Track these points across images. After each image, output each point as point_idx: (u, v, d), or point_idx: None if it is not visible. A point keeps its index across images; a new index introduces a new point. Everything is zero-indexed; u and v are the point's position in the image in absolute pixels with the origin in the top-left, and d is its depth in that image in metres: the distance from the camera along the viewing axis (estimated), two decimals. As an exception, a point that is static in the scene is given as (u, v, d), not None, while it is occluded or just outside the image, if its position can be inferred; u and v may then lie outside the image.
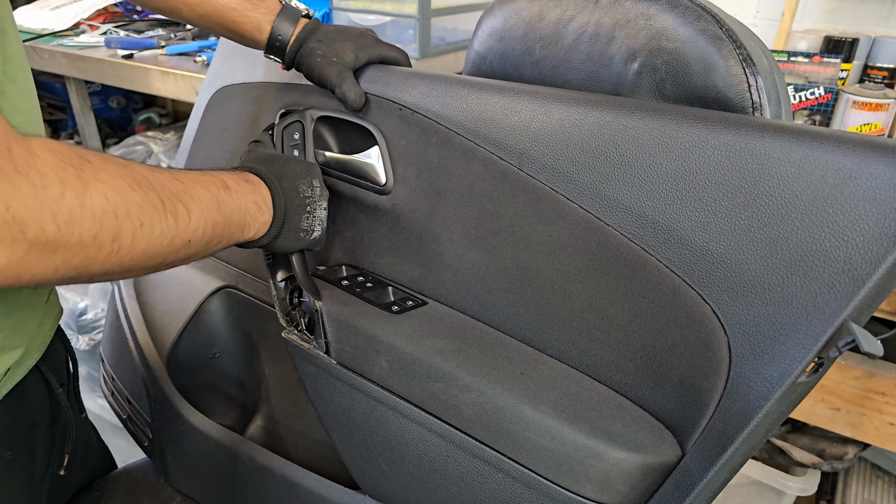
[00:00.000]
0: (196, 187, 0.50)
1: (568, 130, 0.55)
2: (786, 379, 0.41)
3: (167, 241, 0.46)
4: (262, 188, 0.58)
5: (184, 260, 0.50)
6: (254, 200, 0.57)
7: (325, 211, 0.63)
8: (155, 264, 0.48)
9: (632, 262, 0.51)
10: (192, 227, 0.49)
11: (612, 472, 0.48)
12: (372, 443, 0.65)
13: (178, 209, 0.47)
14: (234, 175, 0.57)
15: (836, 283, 0.40)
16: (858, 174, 0.40)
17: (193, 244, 0.49)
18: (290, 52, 0.71)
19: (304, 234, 0.62)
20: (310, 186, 0.62)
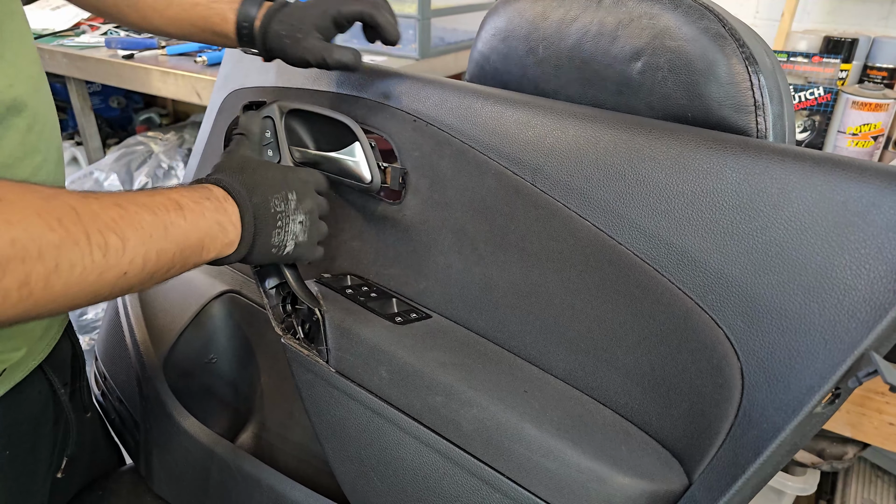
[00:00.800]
0: (140, 212, 0.46)
1: (583, 147, 0.54)
2: (801, 409, 0.40)
3: (93, 277, 0.42)
4: (228, 204, 0.54)
5: (125, 291, 0.47)
6: (216, 220, 0.52)
7: (302, 224, 0.59)
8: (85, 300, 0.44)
9: (643, 282, 0.50)
10: (128, 259, 0.44)
11: (616, 497, 0.47)
12: (366, 456, 0.63)
13: (108, 241, 0.43)
14: (195, 192, 0.53)
15: (856, 311, 0.39)
16: (882, 202, 0.39)
17: (132, 275, 0.45)
18: (259, 38, 0.68)
19: (276, 249, 0.57)
20: (283, 200, 0.57)
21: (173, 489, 0.85)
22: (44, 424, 0.65)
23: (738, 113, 0.51)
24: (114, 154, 1.79)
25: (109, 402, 0.93)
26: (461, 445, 0.54)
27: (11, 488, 0.61)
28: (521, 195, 0.57)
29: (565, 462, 0.48)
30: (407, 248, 0.67)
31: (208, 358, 0.89)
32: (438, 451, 0.56)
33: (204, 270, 0.91)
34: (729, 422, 0.44)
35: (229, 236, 0.53)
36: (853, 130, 1.27)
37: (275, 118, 0.69)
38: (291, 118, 0.70)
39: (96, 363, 0.96)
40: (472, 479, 0.54)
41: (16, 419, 0.61)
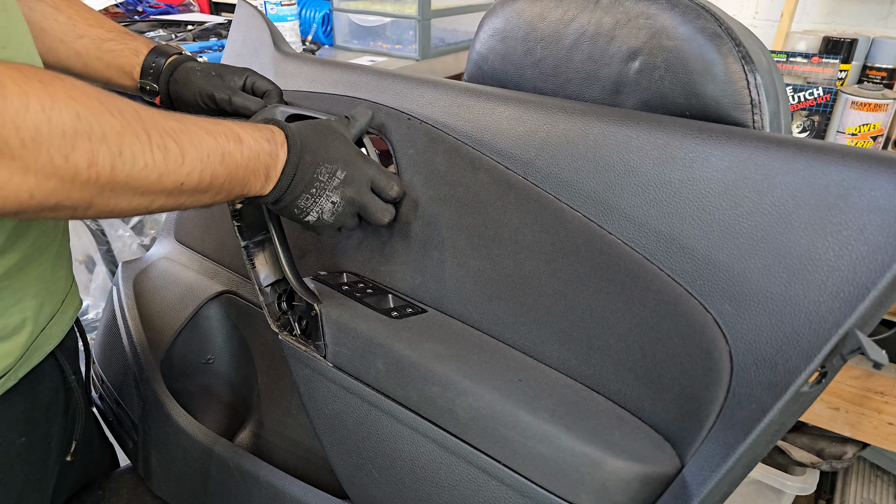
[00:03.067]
0: (199, 132, 0.48)
1: (573, 140, 0.55)
2: (789, 388, 0.41)
3: (154, 177, 0.43)
4: (280, 151, 0.56)
5: (177, 205, 0.48)
6: (265, 163, 0.54)
7: (333, 205, 0.60)
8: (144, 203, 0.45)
9: (633, 270, 0.51)
10: (186, 171, 0.46)
11: (610, 481, 0.47)
12: (364, 449, 0.63)
13: (168, 146, 0.44)
14: (258, 130, 0.55)
15: (840, 291, 0.40)
16: (862, 185, 0.40)
17: (187, 189, 0.47)
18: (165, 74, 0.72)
19: (299, 211, 0.59)
20: (330, 173, 0.59)
21: (172, 489, 0.85)
22: (55, 411, 0.66)
23: (735, 111, 0.52)
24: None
25: (107, 404, 0.93)
26: (457, 434, 0.55)
27: (28, 474, 0.62)
28: (513, 189, 0.58)
29: (560, 447, 0.49)
30: (402, 245, 0.68)
31: (205, 358, 0.89)
32: (435, 440, 0.57)
33: (199, 271, 0.92)
34: (719, 404, 0.45)
35: (270, 180, 0.56)
36: (852, 131, 1.28)
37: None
38: (292, 121, 0.71)
39: (93, 365, 0.96)
40: (469, 467, 0.55)
41: (31, 406, 0.62)
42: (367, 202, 0.62)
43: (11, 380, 0.57)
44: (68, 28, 0.70)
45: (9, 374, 0.56)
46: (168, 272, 0.94)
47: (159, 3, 1.89)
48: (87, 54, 0.71)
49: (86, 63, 0.72)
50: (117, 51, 0.73)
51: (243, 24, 0.91)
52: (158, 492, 0.87)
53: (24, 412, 0.61)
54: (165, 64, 0.73)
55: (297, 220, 0.60)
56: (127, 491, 0.86)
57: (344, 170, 0.60)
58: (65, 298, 0.65)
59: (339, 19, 1.68)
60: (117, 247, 1.54)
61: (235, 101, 0.71)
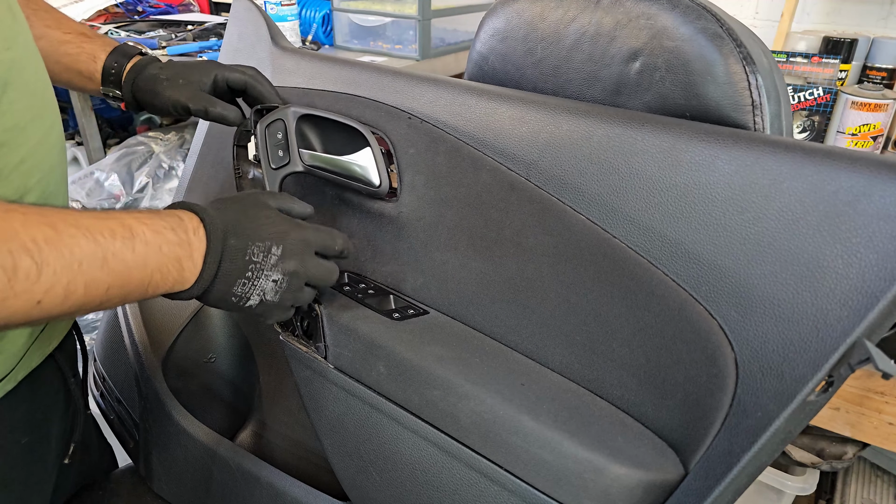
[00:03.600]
0: (76, 236, 0.42)
1: (577, 142, 0.55)
2: (795, 397, 0.40)
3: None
4: (195, 238, 0.50)
5: (46, 319, 0.42)
6: (173, 254, 0.48)
7: (276, 283, 0.54)
8: None
9: (638, 274, 0.50)
10: (43, 288, 0.40)
11: (613, 487, 0.47)
12: (365, 451, 0.63)
13: (18, 264, 0.39)
14: (159, 219, 0.48)
15: (848, 299, 0.39)
16: (872, 191, 0.40)
17: (50, 305, 0.41)
18: (128, 81, 0.69)
19: (237, 299, 0.53)
20: (264, 251, 0.53)
21: (173, 488, 0.85)
22: (55, 413, 0.66)
23: (736, 112, 0.52)
24: (114, 154, 1.79)
25: (108, 403, 0.93)
26: (459, 439, 0.55)
27: (28, 476, 0.62)
28: (515, 190, 0.58)
29: (562, 453, 0.49)
30: (403, 245, 0.67)
31: (207, 357, 0.89)
32: (437, 444, 0.56)
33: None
34: (724, 411, 0.45)
35: (185, 273, 0.49)
36: (852, 131, 1.27)
37: (287, 121, 0.69)
38: (302, 121, 0.71)
39: (95, 364, 0.96)
40: (471, 471, 0.54)
41: (31, 408, 0.61)
42: (314, 270, 0.56)
43: (11, 382, 0.57)
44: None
45: (8, 376, 0.56)
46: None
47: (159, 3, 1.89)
48: (46, 57, 0.68)
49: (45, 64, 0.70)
50: (74, 55, 0.70)
51: (240, 18, 0.90)
52: (159, 491, 0.87)
53: (25, 414, 0.60)
54: (126, 70, 0.70)
55: (236, 309, 0.54)
56: (127, 491, 0.86)
57: (280, 244, 0.54)
58: None
59: (339, 19, 1.67)
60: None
61: (212, 112, 0.68)
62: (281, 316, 0.57)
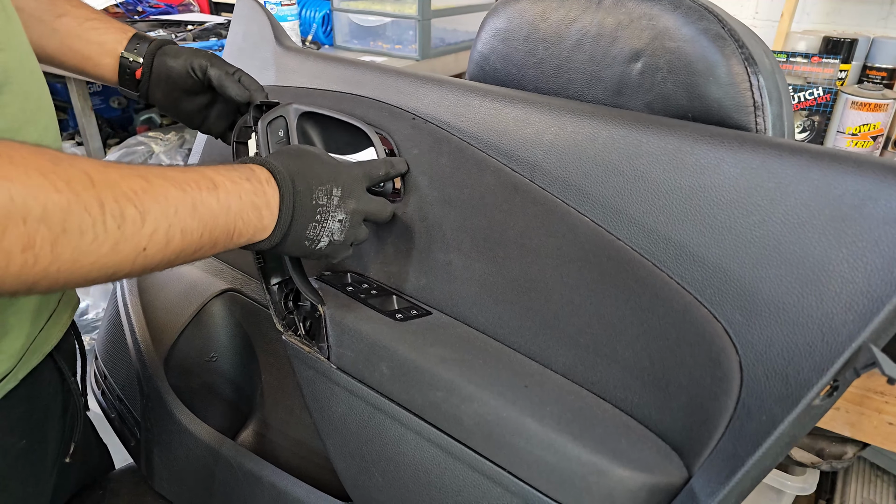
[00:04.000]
0: (166, 186, 0.44)
1: (581, 143, 0.55)
2: (800, 401, 0.40)
3: (107, 248, 0.40)
4: (268, 188, 0.52)
5: (147, 268, 0.44)
6: (252, 203, 0.50)
7: (341, 223, 0.57)
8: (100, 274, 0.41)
9: (642, 277, 0.50)
10: (148, 233, 0.42)
11: (616, 490, 0.47)
12: (367, 452, 0.63)
13: (125, 212, 0.40)
14: (235, 171, 0.51)
15: (854, 304, 0.39)
16: (879, 195, 0.40)
17: (153, 252, 0.43)
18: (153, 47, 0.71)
19: (310, 242, 0.56)
20: (327, 194, 0.56)
21: (174, 487, 0.85)
22: (54, 414, 0.66)
23: (738, 113, 0.52)
24: (114, 154, 1.79)
25: (109, 401, 0.93)
26: (462, 440, 0.55)
27: (27, 477, 0.62)
28: (519, 192, 0.58)
29: (566, 455, 0.49)
30: (407, 246, 0.67)
31: (209, 356, 0.89)
32: (439, 446, 0.56)
33: (203, 268, 0.91)
34: (728, 415, 0.45)
35: (264, 221, 0.52)
36: (852, 130, 1.27)
37: (288, 119, 0.69)
38: (303, 119, 0.70)
39: (96, 362, 0.96)
40: (474, 473, 0.54)
41: (30, 409, 0.61)
42: (371, 206, 0.60)
43: (11, 382, 0.57)
44: (48, 6, 0.69)
45: (9, 376, 0.56)
46: (172, 269, 0.93)
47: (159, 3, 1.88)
48: (67, 32, 0.69)
49: (62, 41, 0.70)
50: (102, 29, 0.71)
51: (244, 17, 0.90)
52: (160, 490, 0.86)
53: (24, 414, 0.60)
54: (153, 41, 0.72)
55: (308, 252, 0.57)
56: (128, 490, 0.86)
57: (338, 185, 0.57)
58: (61, 298, 0.65)
59: (339, 19, 1.67)
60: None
61: (226, 82, 0.69)
62: (344, 254, 0.60)
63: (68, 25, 0.70)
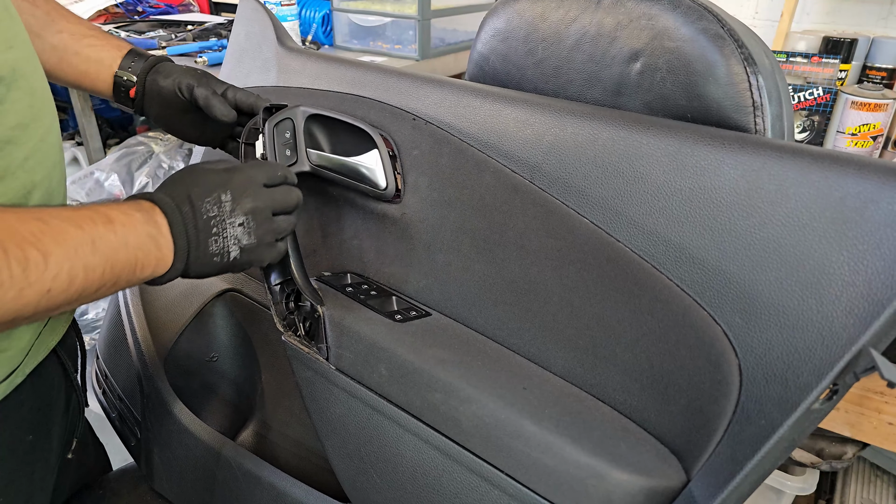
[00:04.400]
0: (63, 226, 0.44)
1: (581, 145, 0.54)
2: (800, 405, 0.40)
3: (12, 294, 0.40)
4: (157, 216, 0.51)
5: (50, 311, 0.44)
6: (147, 233, 0.49)
7: (243, 226, 0.55)
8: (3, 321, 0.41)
9: (642, 279, 0.50)
10: (52, 275, 0.42)
11: (615, 494, 0.47)
12: (366, 453, 0.63)
13: (28, 255, 0.40)
14: (124, 205, 0.50)
15: (854, 307, 0.39)
16: (880, 198, 0.39)
17: (56, 293, 0.43)
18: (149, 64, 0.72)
19: (218, 258, 0.54)
20: (216, 203, 0.54)
21: (174, 487, 0.85)
22: (58, 409, 0.66)
23: (737, 113, 0.51)
24: (114, 154, 1.79)
25: (110, 401, 0.93)
26: (460, 442, 0.54)
27: (33, 472, 0.63)
28: (519, 193, 0.57)
29: (564, 458, 0.48)
30: (406, 246, 0.67)
31: (209, 356, 0.89)
32: (438, 447, 0.56)
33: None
34: (727, 418, 0.44)
35: (162, 250, 0.51)
36: (852, 130, 1.27)
37: (295, 121, 0.69)
38: (310, 121, 0.70)
39: (97, 362, 0.96)
40: (471, 475, 0.54)
41: (36, 405, 0.62)
42: (274, 196, 0.58)
43: (20, 376, 0.57)
44: (45, 23, 0.69)
45: (17, 370, 0.56)
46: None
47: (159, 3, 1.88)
48: (65, 48, 0.70)
49: (61, 57, 0.70)
50: (99, 45, 0.72)
51: (246, 18, 0.90)
52: (160, 489, 0.86)
53: (30, 411, 0.61)
54: (147, 59, 0.73)
55: (224, 267, 0.56)
56: (128, 489, 0.86)
57: (226, 189, 0.55)
58: None
59: (339, 19, 1.67)
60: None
61: (213, 101, 0.69)
62: (270, 254, 0.59)
63: (66, 42, 0.70)
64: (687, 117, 0.54)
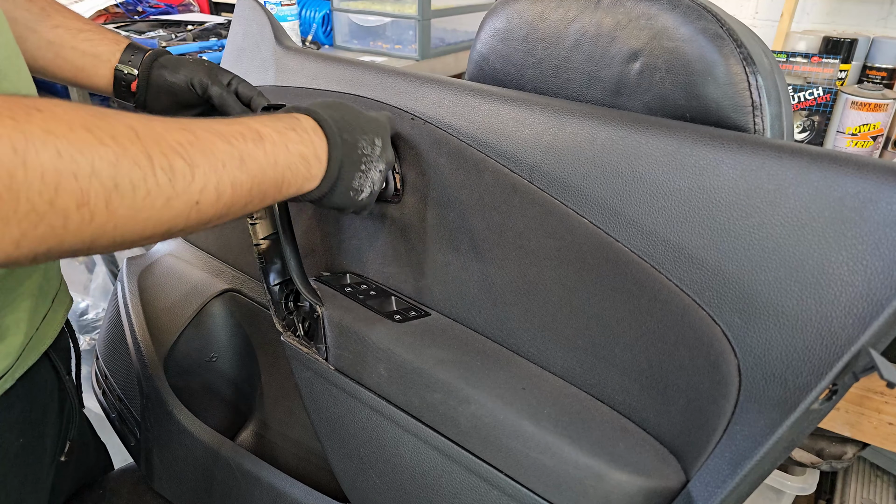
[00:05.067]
0: (212, 139, 0.43)
1: (580, 145, 0.54)
2: (799, 405, 0.40)
3: (160, 202, 0.39)
4: (315, 137, 0.51)
5: (201, 224, 0.43)
6: (299, 153, 0.49)
7: (381, 174, 0.57)
8: (157, 230, 0.40)
9: (641, 279, 0.50)
10: (198, 187, 0.41)
11: (613, 494, 0.47)
12: (365, 453, 0.63)
13: (174, 165, 0.39)
14: (280, 121, 0.50)
15: (853, 307, 0.39)
16: (879, 198, 0.39)
17: (205, 207, 0.42)
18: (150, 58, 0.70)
19: (354, 193, 0.55)
20: (371, 144, 0.55)
21: (174, 487, 0.85)
22: (51, 412, 0.66)
23: (736, 113, 0.51)
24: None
25: (110, 401, 0.93)
26: (459, 442, 0.54)
27: (25, 475, 0.62)
28: (518, 193, 0.57)
29: (563, 458, 0.48)
30: (405, 246, 0.67)
31: (209, 356, 0.89)
32: (437, 448, 0.56)
33: (203, 269, 0.91)
34: (726, 418, 0.44)
35: (312, 171, 0.51)
36: (852, 131, 1.27)
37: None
38: None
39: (97, 362, 0.96)
40: (470, 476, 0.54)
41: (28, 407, 0.61)
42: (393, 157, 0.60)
43: (9, 381, 0.57)
44: (41, 17, 0.68)
45: (6, 375, 0.56)
46: (172, 269, 0.94)
47: (159, 3, 1.88)
48: (61, 43, 0.69)
49: (57, 52, 0.69)
50: (96, 40, 0.70)
51: (244, 17, 0.90)
52: (160, 490, 0.86)
53: (21, 413, 0.60)
54: (147, 53, 0.71)
55: (352, 203, 0.56)
56: (128, 489, 0.86)
57: (378, 135, 0.57)
58: (55, 296, 0.65)
59: (339, 19, 1.66)
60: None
61: (228, 101, 0.69)
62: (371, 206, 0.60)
63: (62, 37, 0.69)
64: (686, 117, 0.53)
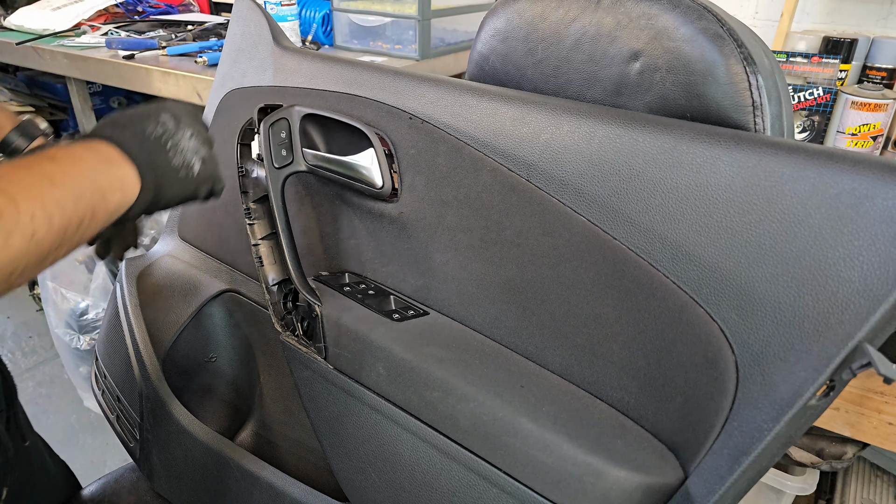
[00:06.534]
0: (13, 171, 0.41)
1: (577, 143, 0.54)
2: (796, 402, 0.40)
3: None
4: (99, 144, 0.49)
5: (39, 260, 0.41)
6: (96, 160, 0.47)
7: (194, 139, 0.55)
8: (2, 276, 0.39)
9: (638, 277, 0.50)
10: (27, 217, 0.39)
11: (612, 491, 0.47)
12: (364, 452, 0.63)
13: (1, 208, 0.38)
14: (74, 143, 0.48)
15: (850, 303, 0.39)
16: (875, 194, 0.39)
17: (41, 236, 0.40)
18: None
19: (185, 171, 0.53)
20: (158, 123, 0.53)
21: (174, 487, 0.85)
22: None
23: (737, 113, 0.51)
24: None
25: (109, 401, 0.93)
26: (458, 440, 0.54)
27: None
28: (516, 191, 0.57)
29: (561, 456, 0.48)
30: (404, 246, 0.67)
31: (208, 357, 0.89)
32: (436, 446, 0.56)
33: (202, 269, 0.91)
34: (724, 415, 0.44)
35: (122, 170, 0.49)
36: (852, 130, 1.27)
37: (291, 121, 0.69)
38: (306, 121, 0.70)
39: (96, 362, 0.96)
40: (469, 473, 0.54)
41: None
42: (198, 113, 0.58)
43: None
44: None
45: None
46: (171, 270, 0.94)
47: (159, 3, 1.88)
48: None
49: None
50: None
51: (242, 18, 0.90)
52: (160, 490, 0.86)
53: None
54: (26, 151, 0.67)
55: (193, 185, 0.55)
56: (127, 490, 0.86)
57: (161, 112, 0.54)
58: None
59: (339, 19, 1.66)
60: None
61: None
62: (222, 179, 0.59)
63: None
64: (686, 117, 0.54)
